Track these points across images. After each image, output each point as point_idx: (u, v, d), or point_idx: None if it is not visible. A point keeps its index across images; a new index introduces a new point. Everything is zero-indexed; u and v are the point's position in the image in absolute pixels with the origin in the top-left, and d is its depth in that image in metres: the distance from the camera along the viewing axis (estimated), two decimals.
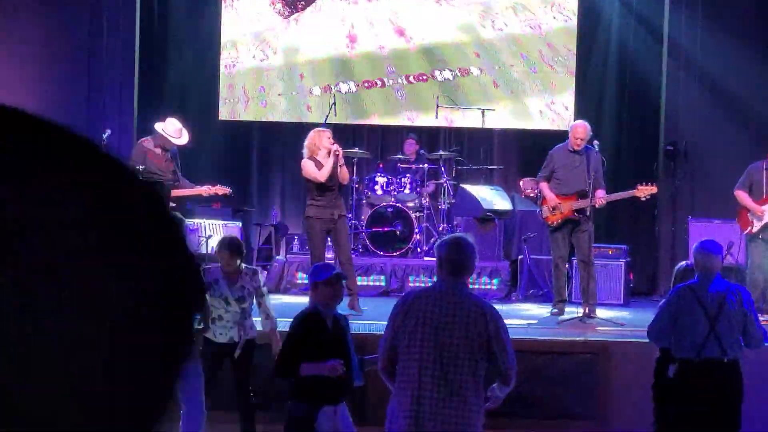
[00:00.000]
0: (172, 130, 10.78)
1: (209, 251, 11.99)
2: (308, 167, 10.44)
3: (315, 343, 6.05)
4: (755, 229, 10.77)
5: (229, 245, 8.04)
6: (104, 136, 11.19)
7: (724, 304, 6.47)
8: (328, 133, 10.55)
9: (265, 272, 13.23)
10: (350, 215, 10.84)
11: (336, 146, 10.38)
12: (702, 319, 6.44)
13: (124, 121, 13.72)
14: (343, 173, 10.38)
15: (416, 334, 5.17)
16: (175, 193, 10.80)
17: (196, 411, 7.51)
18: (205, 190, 10.96)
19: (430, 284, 5.49)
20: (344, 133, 10.73)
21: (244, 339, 7.87)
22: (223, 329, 7.87)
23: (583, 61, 15.15)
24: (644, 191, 10.64)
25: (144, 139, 10.98)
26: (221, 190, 11.00)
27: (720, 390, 6.44)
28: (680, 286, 6.66)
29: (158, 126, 10.84)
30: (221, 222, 13.35)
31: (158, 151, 10.79)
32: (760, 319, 10.27)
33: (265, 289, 8.10)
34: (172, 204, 10.80)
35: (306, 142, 10.58)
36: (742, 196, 10.92)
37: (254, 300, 7.99)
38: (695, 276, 6.68)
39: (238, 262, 8.01)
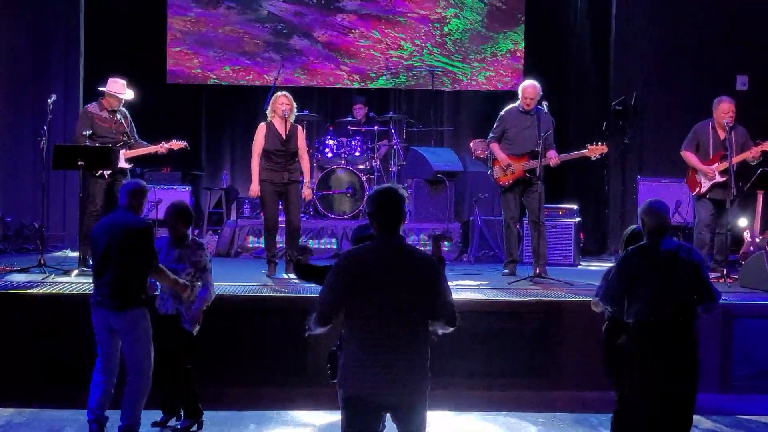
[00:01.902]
0: (116, 87, 10.75)
1: (158, 216, 11.91)
2: (256, 136, 10.56)
3: None
4: (703, 189, 10.84)
5: (172, 208, 7.91)
6: (50, 101, 11.03)
7: (677, 263, 6.45)
8: (281, 98, 10.51)
9: (216, 236, 13.19)
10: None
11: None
12: (656, 279, 6.40)
13: (70, 85, 13.52)
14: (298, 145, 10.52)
15: (364, 294, 5.22)
16: (129, 153, 10.73)
17: (138, 377, 7.44)
18: (160, 147, 10.89)
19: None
20: (294, 96, 10.67)
21: (178, 310, 7.77)
22: (161, 300, 7.82)
23: (531, 20, 15.13)
24: (595, 151, 10.67)
25: (89, 105, 10.93)
26: (176, 145, 10.94)
27: (676, 351, 6.42)
28: (630, 248, 6.64)
29: (101, 89, 10.81)
30: (171, 187, 13.25)
31: (105, 114, 10.75)
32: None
33: (207, 264, 7.90)
34: (126, 165, 10.72)
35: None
36: (689, 156, 10.98)
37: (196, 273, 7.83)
38: (644, 238, 6.67)
39: (183, 228, 7.87)
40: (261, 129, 10.53)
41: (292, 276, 9.94)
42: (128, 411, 7.41)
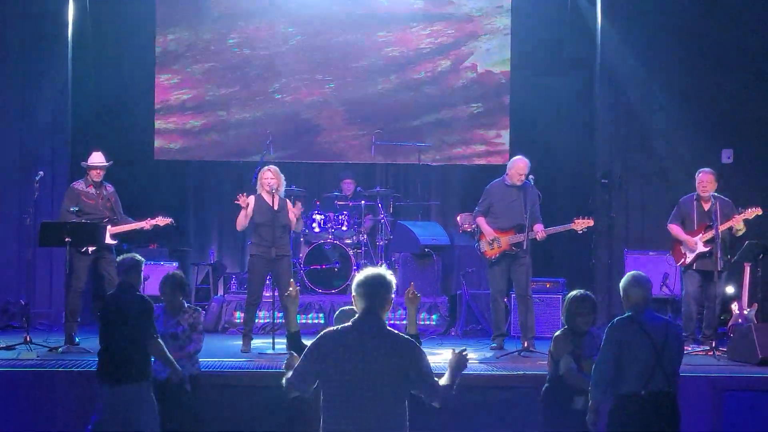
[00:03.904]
0: (97, 160, 10.93)
1: (144, 293, 11.86)
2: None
3: None
4: (688, 260, 10.89)
5: (170, 280, 8.08)
6: (36, 178, 11.08)
7: (668, 338, 6.47)
8: (266, 173, 10.66)
9: (203, 312, 13.13)
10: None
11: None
12: (648, 350, 6.40)
13: (57, 163, 13.50)
14: (292, 218, 10.77)
15: (337, 376, 5.20)
16: (115, 229, 10.78)
17: None
18: (146, 223, 11.00)
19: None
20: (281, 171, 10.78)
21: (179, 376, 7.82)
22: (162, 366, 7.85)
23: (517, 93, 15.20)
24: (581, 224, 10.73)
25: (75, 182, 11.03)
26: (162, 221, 11.05)
27: (661, 423, 6.42)
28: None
29: (84, 164, 11.01)
30: (158, 263, 13.23)
31: (91, 190, 10.83)
32: (697, 349, 10.49)
33: (200, 326, 8.10)
34: (112, 241, 10.74)
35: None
36: (675, 229, 11.06)
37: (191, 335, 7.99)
38: (626, 311, 6.64)
39: (180, 298, 8.04)
40: (251, 199, 10.69)
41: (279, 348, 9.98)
42: None
